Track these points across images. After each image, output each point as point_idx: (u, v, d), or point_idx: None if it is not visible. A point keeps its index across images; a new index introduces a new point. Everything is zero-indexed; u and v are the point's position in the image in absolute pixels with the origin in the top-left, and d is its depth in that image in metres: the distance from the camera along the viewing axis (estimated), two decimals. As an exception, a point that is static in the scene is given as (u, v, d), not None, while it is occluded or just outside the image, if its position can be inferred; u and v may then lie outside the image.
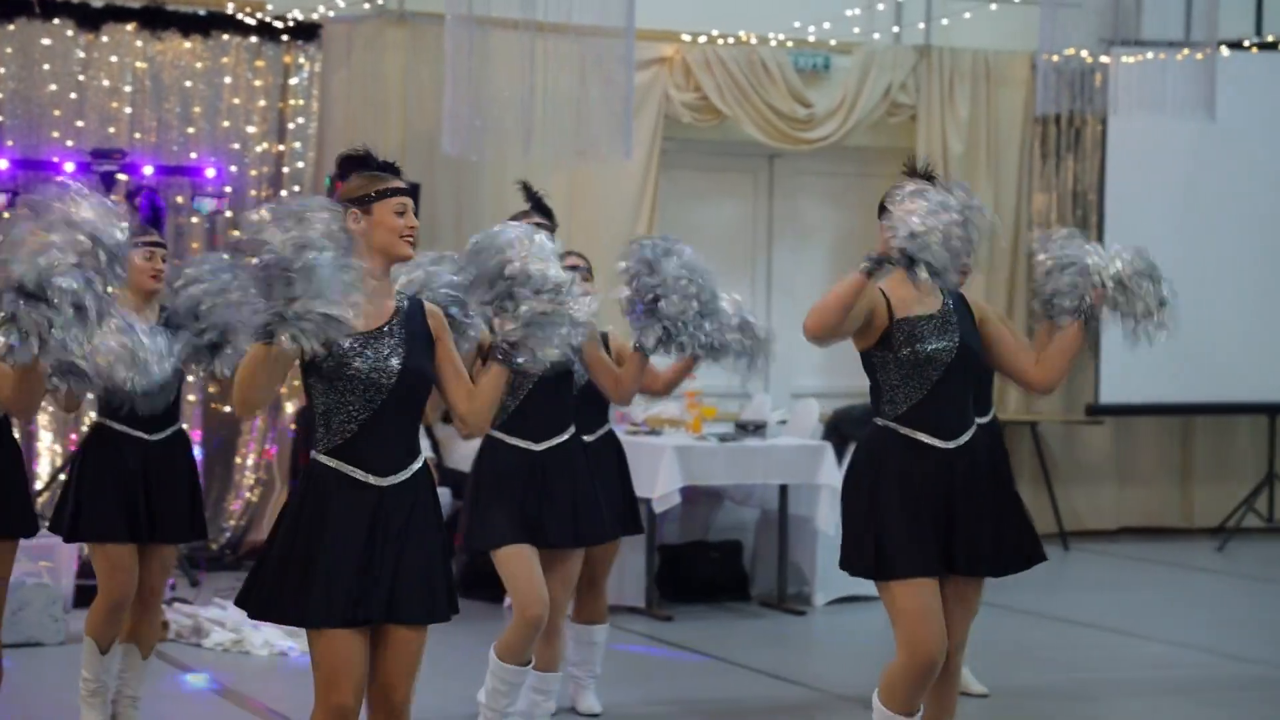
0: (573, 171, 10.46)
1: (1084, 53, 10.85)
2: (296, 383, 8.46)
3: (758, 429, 8.88)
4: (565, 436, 5.90)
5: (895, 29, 11.57)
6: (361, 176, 4.36)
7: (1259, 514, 12.06)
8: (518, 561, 5.73)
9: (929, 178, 4.81)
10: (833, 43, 11.40)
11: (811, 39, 11.35)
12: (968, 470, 4.90)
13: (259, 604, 4.25)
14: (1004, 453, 6.13)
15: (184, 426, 6.07)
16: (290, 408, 10.05)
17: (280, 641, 7.71)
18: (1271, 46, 11.70)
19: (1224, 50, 10.88)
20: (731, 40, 11.12)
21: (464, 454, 9.69)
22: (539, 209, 6.07)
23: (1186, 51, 10.47)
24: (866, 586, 9.24)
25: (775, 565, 9.18)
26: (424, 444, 9.90)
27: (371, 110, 10.36)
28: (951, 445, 4.90)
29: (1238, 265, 11.56)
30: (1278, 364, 11.69)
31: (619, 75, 9.63)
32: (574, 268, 6.40)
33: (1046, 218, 11.67)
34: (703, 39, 11.05)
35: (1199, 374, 11.57)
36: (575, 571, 5.96)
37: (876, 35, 11.52)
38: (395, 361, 4.24)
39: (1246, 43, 11.63)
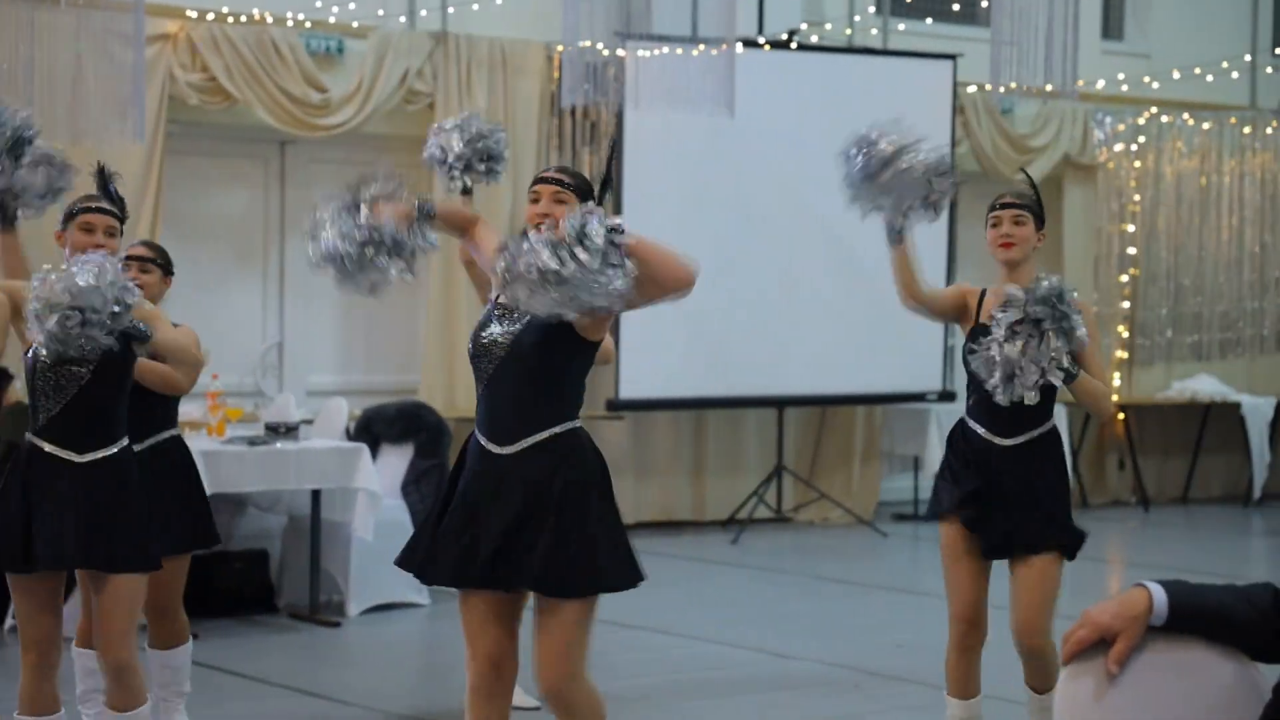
0: (68, 153, 9.64)
1: (599, 45, 10.79)
2: None
3: (289, 431, 8.37)
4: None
5: (423, 13, 11.22)
6: None
7: (768, 505, 12.31)
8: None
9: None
10: (355, 25, 10.96)
11: (333, 20, 10.87)
12: (519, 481, 4.44)
13: None
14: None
15: None
16: None
17: None
18: (784, 45, 11.92)
19: (739, 47, 10.99)
20: (244, 19, 10.51)
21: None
22: (107, 195, 5.45)
23: (702, 47, 10.51)
24: (402, 594, 9.05)
25: (305, 574, 8.71)
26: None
27: None
28: (504, 451, 4.47)
29: (748, 260, 11.73)
30: (786, 358, 11.93)
31: (120, 52, 8.99)
32: (139, 259, 5.85)
33: (563, 211, 11.54)
34: (210, 16, 10.41)
35: (711, 368, 11.71)
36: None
37: (403, 19, 11.14)
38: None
39: (761, 40, 11.81)
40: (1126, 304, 13.97)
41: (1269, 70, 14.48)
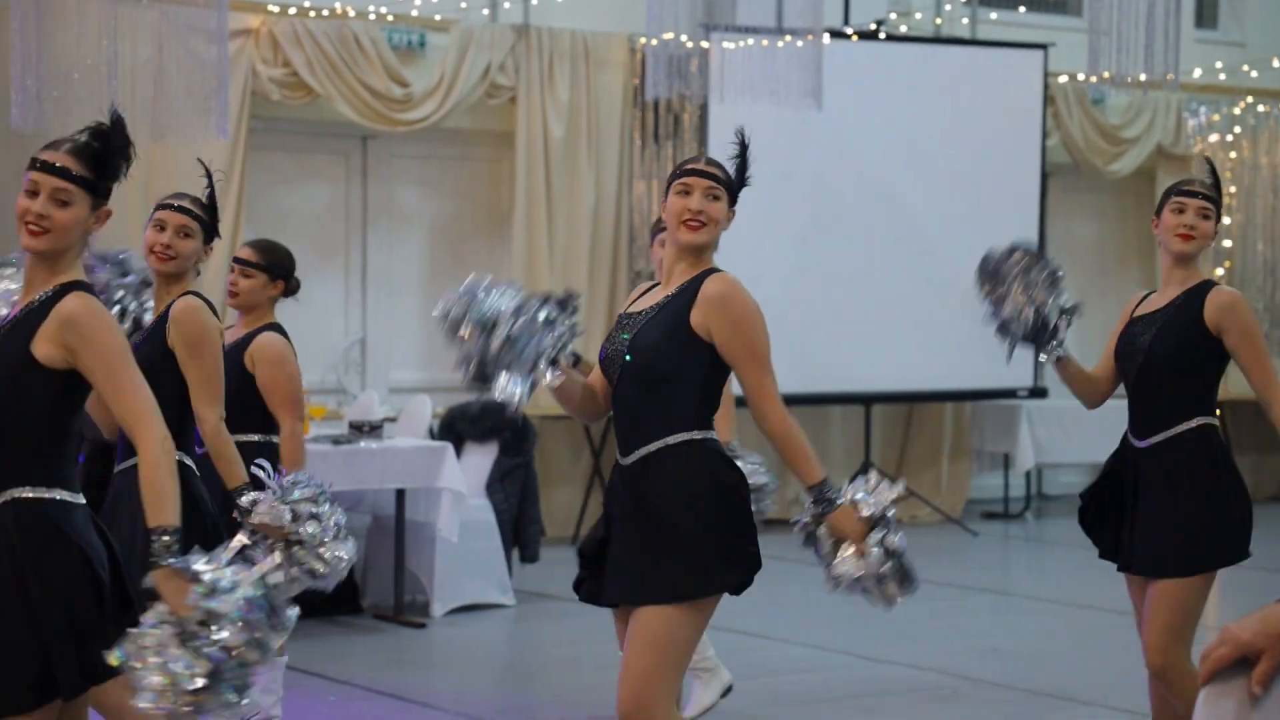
0: (150, 149, 9.61)
1: (684, 37, 10.65)
2: None
3: (374, 430, 8.26)
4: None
5: (505, 6, 11.11)
6: None
7: (855, 503, 12.12)
8: None
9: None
10: (438, 18, 10.86)
11: (415, 14, 10.78)
12: (627, 494, 4.33)
13: None
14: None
15: None
16: None
17: None
18: (872, 35, 11.72)
19: (825, 38, 10.81)
20: (326, 13, 10.43)
21: None
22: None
23: (789, 38, 10.34)
24: (487, 595, 8.95)
25: (390, 575, 8.61)
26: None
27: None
28: (624, 461, 4.37)
29: (833, 254, 11.55)
30: (872, 354, 11.74)
31: (202, 48, 8.93)
32: (239, 260, 5.72)
33: (647, 204, 11.41)
34: (292, 10, 10.34)
35: (794, 365, 11.51)
36: None
37: (485, 12, 11.03)
38: None
39: (848, 30, 11.62)
40: (1221, 298, 13.67)
41: (1368, 58, 14.14)
